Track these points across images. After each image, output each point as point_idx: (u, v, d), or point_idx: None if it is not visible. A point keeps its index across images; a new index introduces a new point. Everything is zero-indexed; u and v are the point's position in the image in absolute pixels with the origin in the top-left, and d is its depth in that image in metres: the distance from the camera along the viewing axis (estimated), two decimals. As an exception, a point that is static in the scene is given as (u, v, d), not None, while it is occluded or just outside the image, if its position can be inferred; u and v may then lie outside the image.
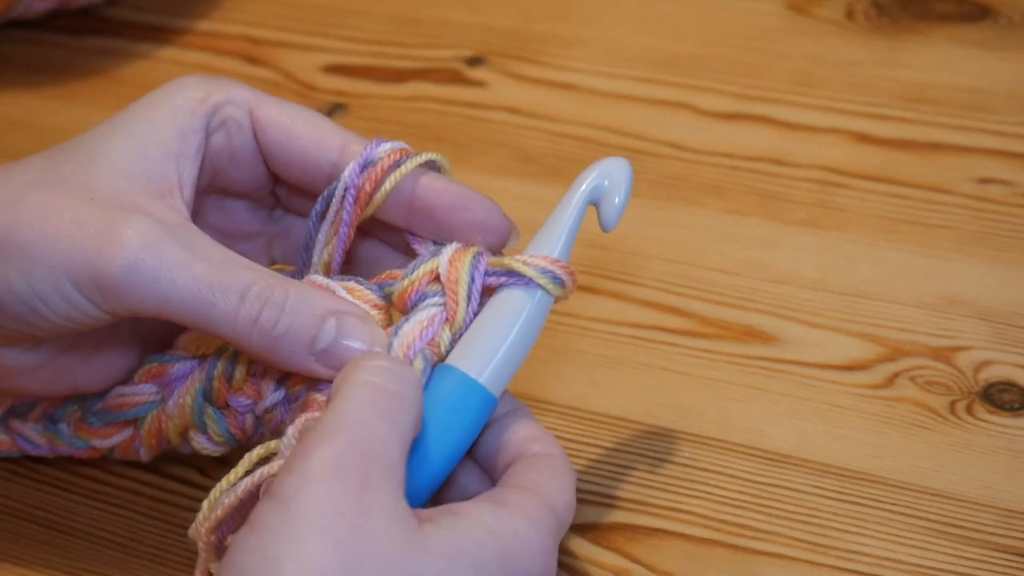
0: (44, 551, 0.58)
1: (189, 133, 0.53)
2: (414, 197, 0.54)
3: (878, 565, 0.55)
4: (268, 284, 0.50)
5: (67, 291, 0.50)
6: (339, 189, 0.54)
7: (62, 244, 0.50)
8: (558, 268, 0.53)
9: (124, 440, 0.57)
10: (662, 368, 0.64)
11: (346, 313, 0.51)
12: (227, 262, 0.51)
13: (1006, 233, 0.68)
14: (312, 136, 0.54)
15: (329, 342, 0.50)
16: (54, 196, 0.51)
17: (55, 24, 0.89)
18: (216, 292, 0.50)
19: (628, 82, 0.80)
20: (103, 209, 0.50)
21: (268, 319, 0.50)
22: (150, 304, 0.50)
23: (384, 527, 0.44)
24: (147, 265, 0.50)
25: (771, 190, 0.72)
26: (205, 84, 0.54)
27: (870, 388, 0.62)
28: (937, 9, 0.82)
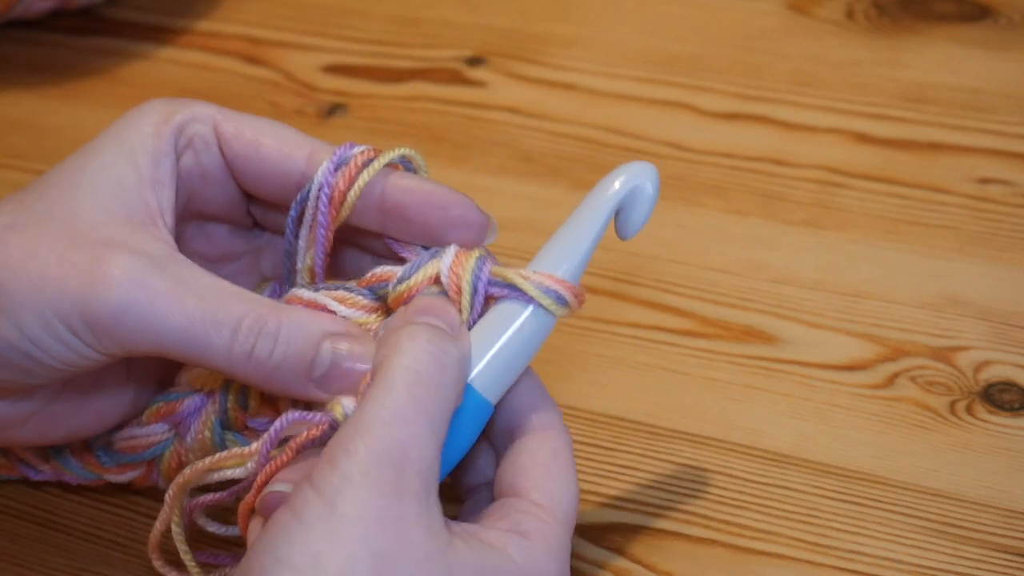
0: (44, 551, 0.58)
1: (161, 158, 0.52)
2: (384, 198, 0.53)
3: (878, 565, 0.55)
4: (260, 315, 0.50)
5: (60, 333, 0.49)
6: (313, 190, 0.53)
7: (49, 287, 0.49)
8: (563, 288, 0.51)
9: (140, 475, 0.57)
10: (662, 368, 0.64)
11: (341, 335, 0.50)
12: (218, 294, 0.50)
13: (1006, 233, 0.68)
14: (277, 146, 0.53)
15: (327, 367, 0.50)
16: (34, 237, 0.50)
17: (55, 24, 0.89)
18: (209, 328, 0.49)
19: (628, 82, 0.80)
20: (87, 247, 0.50)
21: (263, 351, 0.49)
22: (144, 343, 0.50)
23: (421, 539, 0.45)
24: (137, 304, 0.49)
25: (771, 190, 0.72)
26: (166, 105, 0.54)
27: (870, 388, 0.62)
28: (937, 9, 0.82)
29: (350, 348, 0.50)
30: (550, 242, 0.53)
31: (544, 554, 0.49)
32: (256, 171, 0.54)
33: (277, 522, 0.46)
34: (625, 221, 0.52)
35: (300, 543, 0.45)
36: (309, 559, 0.44)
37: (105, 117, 0.55)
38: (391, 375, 0.47)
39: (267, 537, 0.46)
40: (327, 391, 0.50)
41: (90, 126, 0.80)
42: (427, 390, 0.47)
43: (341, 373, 0.50)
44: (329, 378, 0.50)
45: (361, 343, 0.51)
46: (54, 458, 0.57)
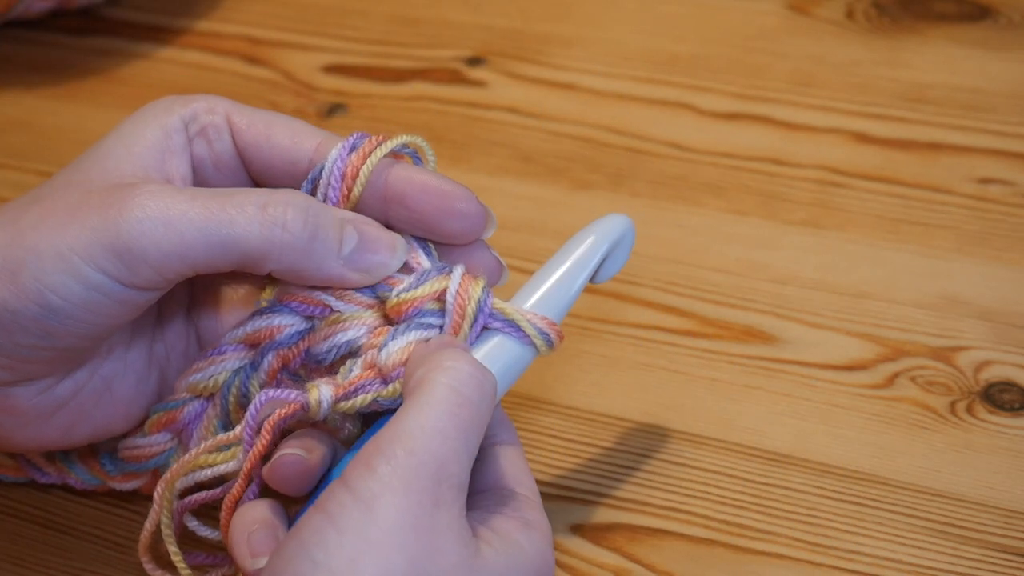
0: (44, 551, 0.58)
1: (172, 132, 0.54)
2: (387, 186, 0.54)
3: (878, 565, 0.55)
4: (284, 193, 0.51)
5: (83, 272, 0.49)
6: (327, 167, 0.54)
7: (69, 229, 0.49)
8: (554, 332, 0.53)
9: (145, 484, 0.57)
10: (662, 368, 0.64)
11: (356, 220, 0.52)
12: (234, 190, 0.51)
13: (1006, 233, 0.68)
14: (288, 135, 0.55)
15: (354, 245, 0.52)
16: (51, 202, 0.51)
17: (55, 24, 0.89)
18: (231, 209, 0.50)
19: (628, 82, 0.80)
20: (99, 192, 0.51)
21: (295, 220, 0.50)
22: (171, 252, 0.49)
23: (452, 548, 0.46)
24: (155, 211, 0.49)
25: (771, 190, 0.72)
26: (178, 98, 0.55)
27: (870, 388, 0.62)
28: (937, 9, 0.82)
29: (372, 226, 0.53)
30: (539, 280, 0.54)
31: (545, 542, 0.50)
32: (267, 159, 0.55)
33: (309, 525, 0.46)
34: (603, 272, 0.55)
35: (336, 547, 0.45)
36: (345, 564, 0.45)
37: (105, 117, 0.55)
38: (434, 391, 0.48)
39: (300, 539, 0.46)
40: (358, 268, 0.52)
41: (90, 126, 0.80)
42: (468, 411, 0.48)
43: (370, 241, 0.52)
44: (359, 251, 0.52)
45: (379, 230, 0.53)
46: (61, 461, 0.57)
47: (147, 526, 0.53)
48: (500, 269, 0.55)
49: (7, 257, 0.50)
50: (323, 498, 0.47)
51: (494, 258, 0.55)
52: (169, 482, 0.53)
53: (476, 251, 0.55)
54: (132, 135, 0.53)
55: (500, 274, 0.55)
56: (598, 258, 0.54)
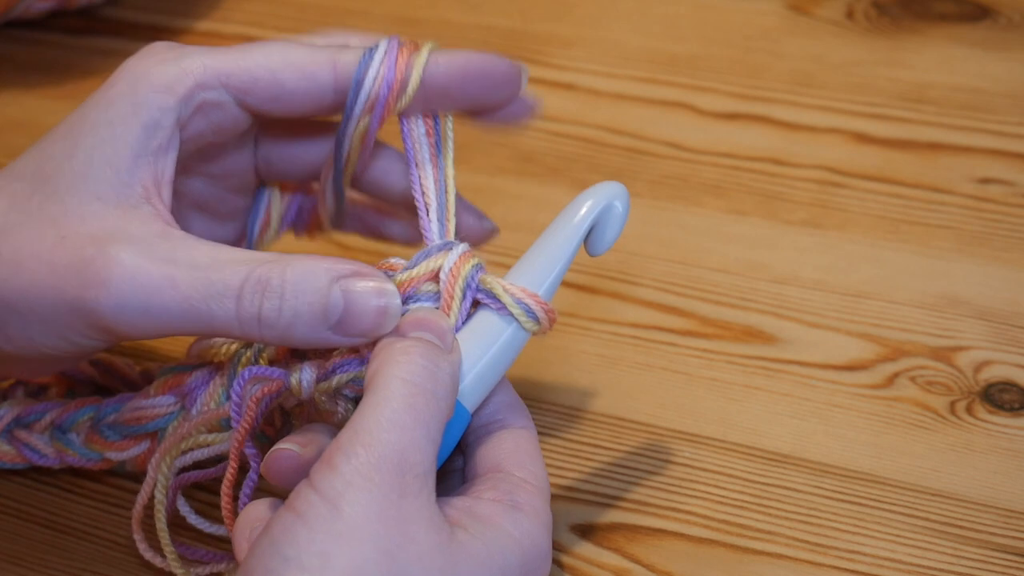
0: (44, 551, 0.58)
1: (156, 129, 0.51)
2: (426, 84, 0.53)
3: (878, 565, 0.55)
4: (261, 275, 0.49)
5: (67, 336, 0.51)
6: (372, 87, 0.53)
7: (46, 298, 0.50)
8: (535, 304, 0.52)
9: (141, 452, 0.57)
10: (662, 368, 0.64)
11: (348, 276, 0.49)
12: (215, 264, 0.49)
13: (1006, 233, 0.68)
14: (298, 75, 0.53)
15: (341, 311, 0.49)
16: (25, 242, 0.50)
17: (55, 24, 0.89)
18: (210, 302, 0.49)
19: (628, 82, 0.80)
20: (76, 246, 0.49)
21: (270, 311, 0.49)
22: (151, 330, 0.50)
23: (423, 535, 0.46)
24: (133, 299, 0.49)
25: (771, 190, 0.72)
26: (165, 69, 0.52)
27: (870, 388, 0.62)
28: (937, 9, 0.82)
29: (363, 286, 0.49)
30: (527, 258, 0.54)
31: (538, 527, 0.50)
32: (286, 108, 0.53)
33: (280, 522, 0.46)
34: (597, 240, 0.53)
35: (307, 543, 0.45)
36: (317, 559, 0.45)
37: (105, 117, 0.55)
38: (387, 385, 0.48)
39: (271, 537, 0.46)
40: (347, 334, 0.50)
41: (90, 126, 0.80)
42: (423, 400, 0.48)
43: (357, 313, 0.49)
44: (346, 321, 0.49)
45: (372, 279, 0.50)
46: (58, 439, 0.58)
47: (140, 497, 0.54)
48: (531, 107, 0.56)
49: None
50: (292, 497, 0.47)
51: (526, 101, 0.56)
52: (165, 452, 0.54)
53: (517, 104, 0.56)
54: (111, 137, 0.51)
55: (532, 108, 0.56)
56: (585, 226, 0.53)
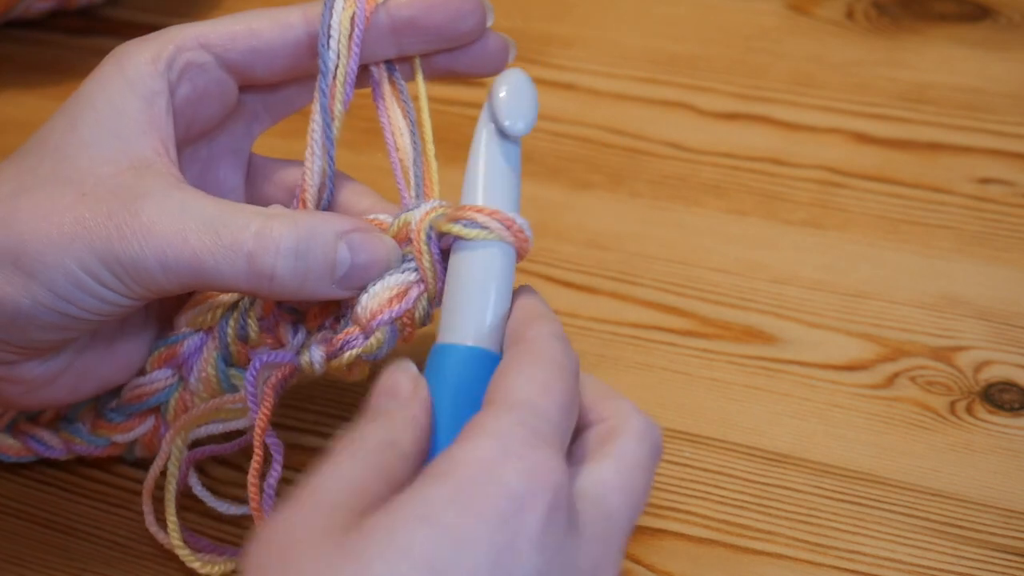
0: (44, 551, 0.58)
1: (153, 97, 0.53)
2: (392, 20, 0.55)
3: (878, 565, 0.56)
4: (274, 233, 0.50)
5: (90, 287, 0.51)
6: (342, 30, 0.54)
7: (74, 246, 0.50)
8: (486, 217, 0.52)
9: (148, 431, 0.57)
10: (662, 368, 0.64)
11: (351, 231, 0.52)
12: (222, 218, 0.50)
13: (1006, 233, 0.68)
14: (272, 27, 0.55)
15: (347, 267, 0.51)
16: (45, 199, 0.51)
17: (55, 24, 0.89)
18: (218, 259, 0.50)
19: (628, 82, 0.80)
20: (99, 200, 0.51)
21: (285, 271, 0.50)
22: (169, 283, 0.51)
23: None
24: (151, 252, 0.50)
25: (771, 190, 0.72)
26: (147, 45, 0.54)
27: (870, 388, 0.62)
28: (937, 9, 0.82)
29: (367, 240, 0.52)
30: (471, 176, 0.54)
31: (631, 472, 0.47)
32: (266, 61, 0.55)
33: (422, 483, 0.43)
34: (512, 112, 0.54)
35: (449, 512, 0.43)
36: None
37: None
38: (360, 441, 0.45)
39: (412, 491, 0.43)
40: (349, 287, 0.52)
41: (90, 126, 0.80)
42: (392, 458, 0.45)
43: (362, 267, 0.52)
44: (351, 275, 0.52)
45: (373, 233, 0.52)
46: (63, 429, 0.58)
47: (153, 469, 0.56)
48: (507, 47, 0.56)
49: (15, 262, 0.50)
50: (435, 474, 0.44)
51: (500, 38, 0.56)
52: (181, 427, 0.55)
53: (488, 40, 0.56)
54: (112, 111, 0.53)
55: (508, 51, 0.56)
56: (487, 115, 0.54)
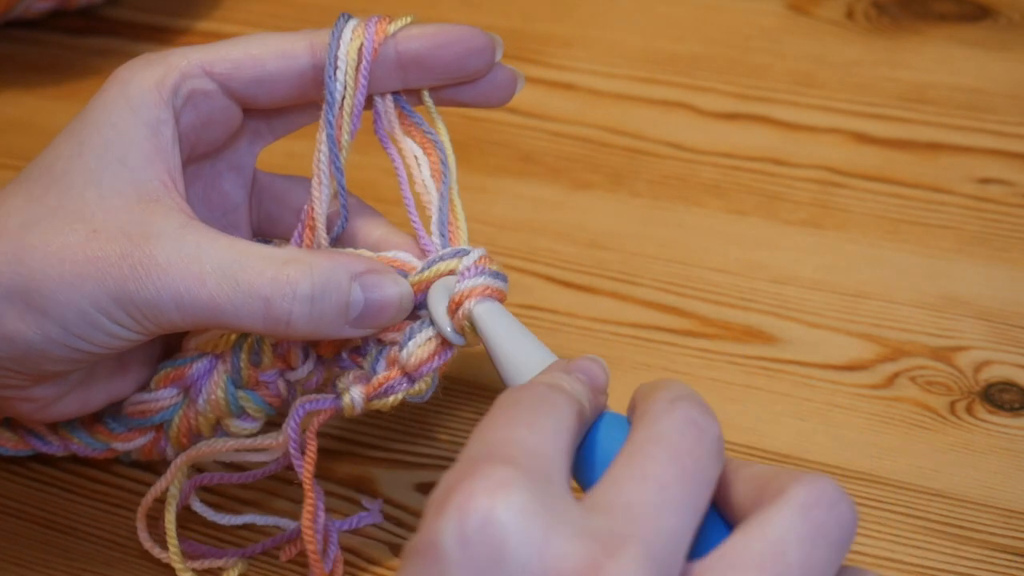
0: (44, 551, 0.58)
1: (159, 125, 0.53)
2: (399, 54, 0.55)
3: (878, 565, 0.55)
4: (290, 279, 0.50)
5: (103, 324, 0.51)
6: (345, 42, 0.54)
7: (87, 287, 0.50)
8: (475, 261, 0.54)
9: (147, 442, 0.57)
10: (662, 368, 0.64)
11: (365, 273, 0.52)
12: (238, 262, 0.50)
13: (1006, 233, 0.68)
14: (276, 56, 0.55)
15: (360, 310, 0.52)
16: (54, 235, 0.51)
17: (55, 24, 0.88)
18: (236, 304, 0.50)
19: (628, 82, 0.80)
20: (110, 239, 0.50)
21: (301, 316, 0.51)
22: (182, 323, 0.51)
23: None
24: (167, 294, 0.50)
25: (771, 190, 0.72)
26: (151, 69, 0.53)
27: (870, 388, 0.62)
28: (937, 9, 0.82)
29: (380, 282, 0.52)
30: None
31: None
32: (270, 90, 0.55)
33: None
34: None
35: None
36: None
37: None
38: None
39: None
40: (363, 328, 0.52)
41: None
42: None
43: (376, 308, 0.52)
44: (365, 316, 0.52)
45: (387, 275, 0.52)
46: (62, 428, 0.58)
47: (153, 490, 0.55)
48: (515, 79, 0.56)
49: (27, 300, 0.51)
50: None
51: (508, 71, 0.56)
52: (193, 459, 0.55)
53: (496, 73, 0.56)
54: (117, 138, 0.52)
55: (516, 83, 0.56)
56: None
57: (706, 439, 0.42)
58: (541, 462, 0.41)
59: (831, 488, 0.40)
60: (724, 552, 0.40)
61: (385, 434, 0.61)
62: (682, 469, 0.41)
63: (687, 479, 0.41)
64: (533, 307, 0.67)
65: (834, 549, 0.40)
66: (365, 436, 0.61)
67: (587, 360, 0.49)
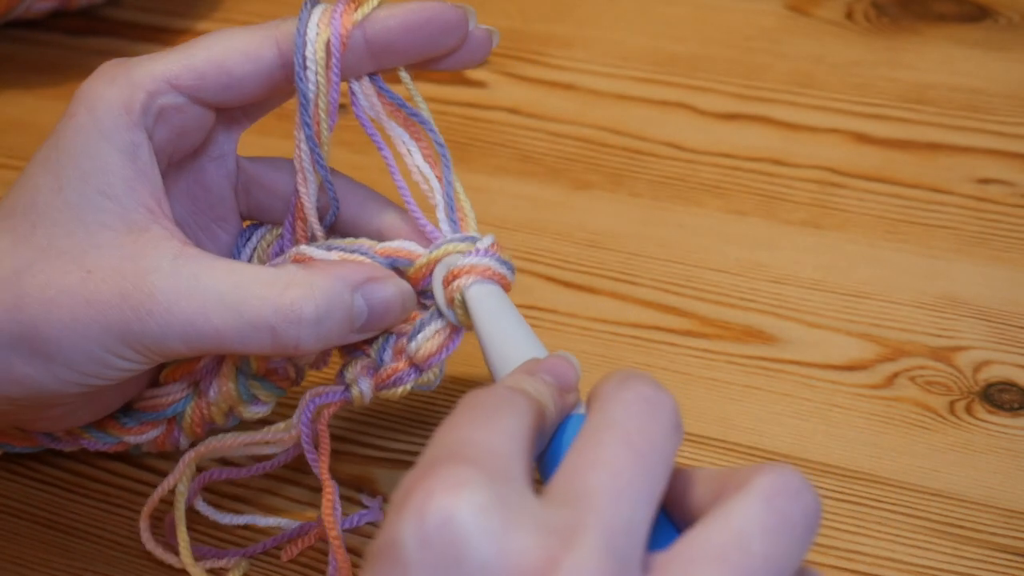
0: (44, 551, 0.58)
1: (134, 149, 0.52)
2: (369, 43, 0.53)
3: (878, 565, 0.56)
4: (292, 305, 0.50)
5: (111, 362, 0.51)
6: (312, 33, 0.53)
7: (91, 331, 0.50)
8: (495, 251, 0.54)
9: (160, 435, 0.57)
10: (662, 368, 0.64)
11: (365, 283, 0.52)
12: (239, 291, 0.50)
13: (1006, 233, 0.68)
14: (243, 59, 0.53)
15: (365, 318, 0.52)
16: (48, 280, 0.50)
17: (55, 24, 0.89)
18: (243, 335, 0.50)
19: (628, 82, 0.80)
20: (106, 280, 0.50)
21: (308, 338, 0.51)
22: (191, 353, 0.52)
23: None
24: (172, 331, 0.50)
25: (771, 190, 0.72)
26: (116, 90, 0.52)
27: (870, 388, 0.62)
28: (937, 9, 0.82)
29: (381, 289, 0.53)
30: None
31: None
32: (240, 92, 0.54)
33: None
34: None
35: None
36: None
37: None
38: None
39: None
40: (368, 333, 0.53)
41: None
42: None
43: (380, 314, 0.53)
44: (369, 323, 0.53)
45: (387, 281, 0.53)
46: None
47: (160, 489, 0.56)
48: (490, 36, 0.55)
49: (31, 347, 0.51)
50: None
51: (482, 31, 0.55)
52: (201, 455, 0.55)
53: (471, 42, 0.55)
54: (93, 168, 0.51)
55: (492, 39, 0.55)
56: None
57: (659, 414, 0.42)
58: (500, 461, 0.41)
59: (795, 478, 0.40)
60: (686, 543, 0.39)
61: (385, 434, 0.62)
62: (635, 452, 0.40)
63: (640, 461, 0.40)
64: (533, 307, 0.67)
65: (798, 540, 0.40)
66: (365, 436, 0.61)
67: (556, 358, 0.48)
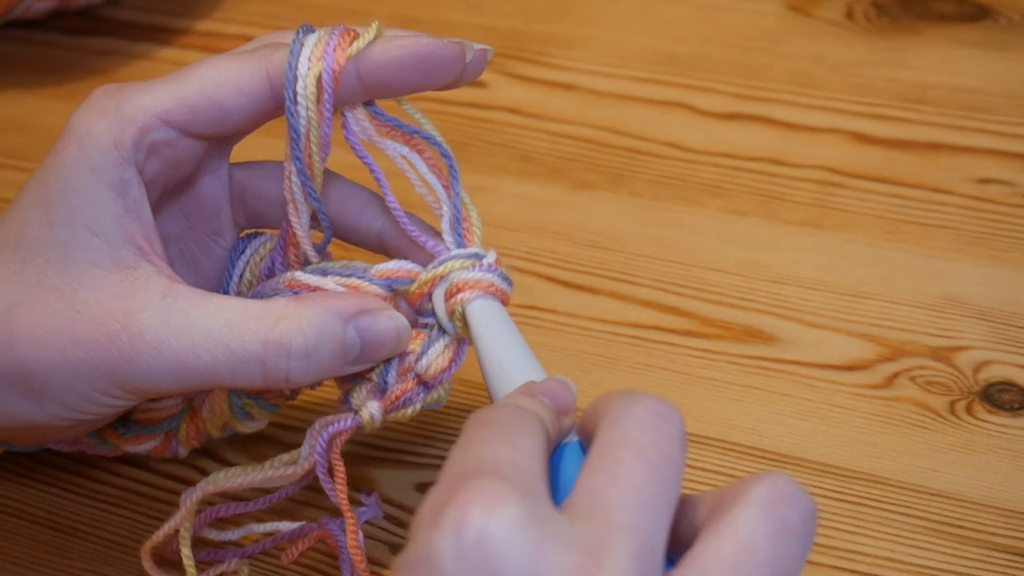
0: (44, 551, 0.58)
1: (124, 186, 0.51)
2: (361, 77, 0.53)
3: (878, 565, 0.56)
4: (282, 339, 0.50)
5: (102, 400, 0.51)
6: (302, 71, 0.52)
7: (80, 370, 0.50)
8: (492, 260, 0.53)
9: (158, 444, 0.57)
10: (662, 368, 0.64)
11: (357, 315, 0.52)
12: (228, 327, 0.50)
13: (1006, 233, 0.68)
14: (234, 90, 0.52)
15: (359, 349, 0.52)
16: (37, 318, 0.50)
17: (55, 24, 0.89)
18: (234, 370, 0.50)
19: (628, 82, 0.80)
20: (94, 320, 0.50)
21: (298, 371, 0.51)
22: (182, 391, 0.52)
23: None
24: (162, 370, 0.50)
25: (771, 190, 0.72)
26: (106, 124, 0.51)
27: (870, 388, 0.62)
28: (937, 9, 0.82)
29: (374, 322, 0.52)
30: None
31: None
32: (231, 124, 0.53)
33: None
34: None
35: None
36: None
37: (105, 117, 0.54)
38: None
39: None
40: (361, 365, 0.53)
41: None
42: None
43: (374, 346, 0.52)
44: (363, 355, 0.52)
45: (380, 312, 0.52)
46: None
47: (163, 530, 0.54)
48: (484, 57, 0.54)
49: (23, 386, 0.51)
50: None
51: (479, 52, 0.54)
52: (206, 493, 0.54)
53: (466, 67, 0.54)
54: (83, 205, 0.51)
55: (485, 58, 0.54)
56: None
57: (667, 427, 0.42)
58: (528, 477, 0.41)
59: (788, 483, 0.41)
60: (696, 557, 0.40)
61: (385, 434, 0.62)
62: (651, 466, 0.41)
63: (657, 475, 0.41)
64: (533, 307, 0.67)
65: (800, 543, 0.41)
66: (365, 436, 0.61)
67: (553, 382, 0.49)
